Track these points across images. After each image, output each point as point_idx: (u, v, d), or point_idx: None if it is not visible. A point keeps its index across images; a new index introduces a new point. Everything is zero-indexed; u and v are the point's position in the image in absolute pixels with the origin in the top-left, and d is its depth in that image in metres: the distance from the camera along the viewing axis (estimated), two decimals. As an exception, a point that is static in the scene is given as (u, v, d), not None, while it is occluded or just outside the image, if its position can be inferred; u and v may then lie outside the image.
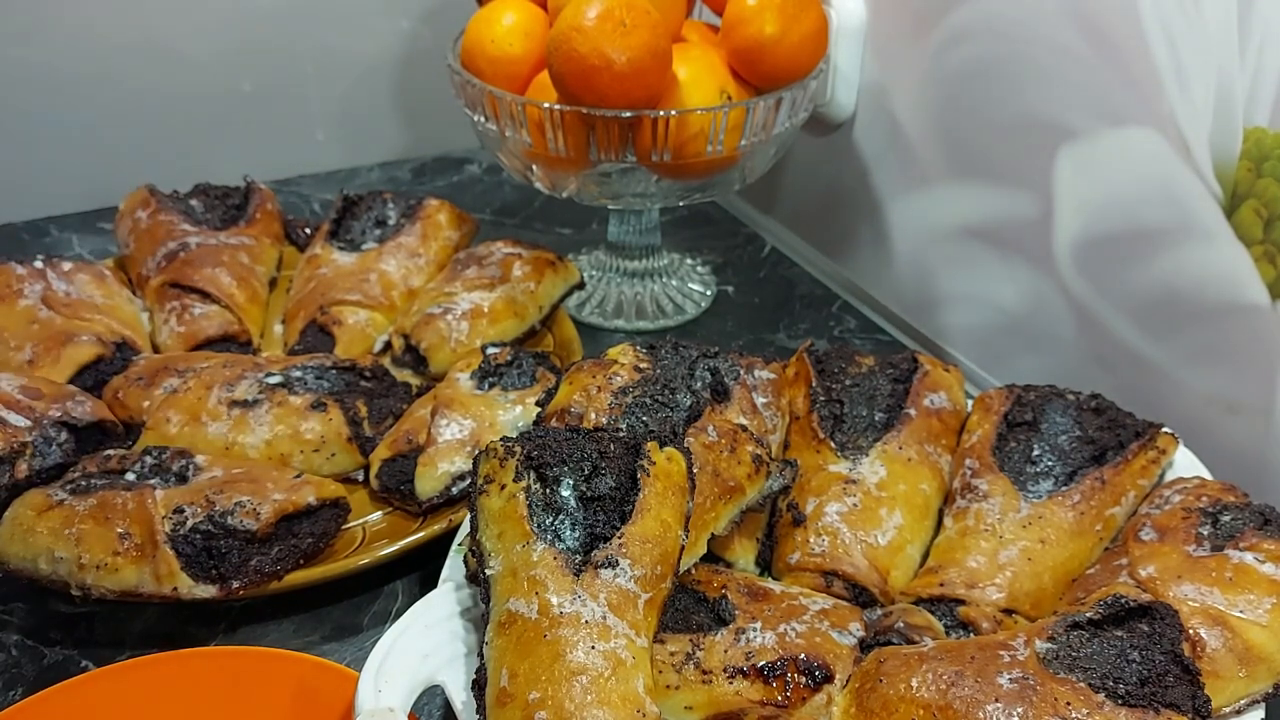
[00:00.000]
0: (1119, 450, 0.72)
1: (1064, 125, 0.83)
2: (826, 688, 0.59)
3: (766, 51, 0.89)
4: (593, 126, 0.87)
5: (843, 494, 0.71)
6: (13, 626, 0.72)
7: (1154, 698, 0.54)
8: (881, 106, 1.01)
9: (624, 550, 0.56)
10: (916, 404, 0.76)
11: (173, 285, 0.93)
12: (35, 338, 0.86)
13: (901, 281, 1.05)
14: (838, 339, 1.04)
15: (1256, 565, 0.61)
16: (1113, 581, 0.64)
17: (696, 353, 0.76)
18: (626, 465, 0.59)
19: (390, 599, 0.75)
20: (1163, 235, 0.79)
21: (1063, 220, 0.86)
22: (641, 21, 0.82)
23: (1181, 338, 0.80)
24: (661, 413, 0.69)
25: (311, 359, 0.85)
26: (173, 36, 1.18)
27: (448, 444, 0.78)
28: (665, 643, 0.60)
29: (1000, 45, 0.87)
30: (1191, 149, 0.75)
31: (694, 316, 1.06)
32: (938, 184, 0.97)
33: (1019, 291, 0.92)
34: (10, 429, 0.75)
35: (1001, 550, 0.67)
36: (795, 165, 1.16)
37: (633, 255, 1.07)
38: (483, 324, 0.91)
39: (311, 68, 1.26)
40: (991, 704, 0.54)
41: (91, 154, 1.19)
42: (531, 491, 0.58)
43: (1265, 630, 0.59)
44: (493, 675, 0.54)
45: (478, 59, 0.91)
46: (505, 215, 1.22)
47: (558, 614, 0.53)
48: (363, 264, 0.97)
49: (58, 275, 0.92)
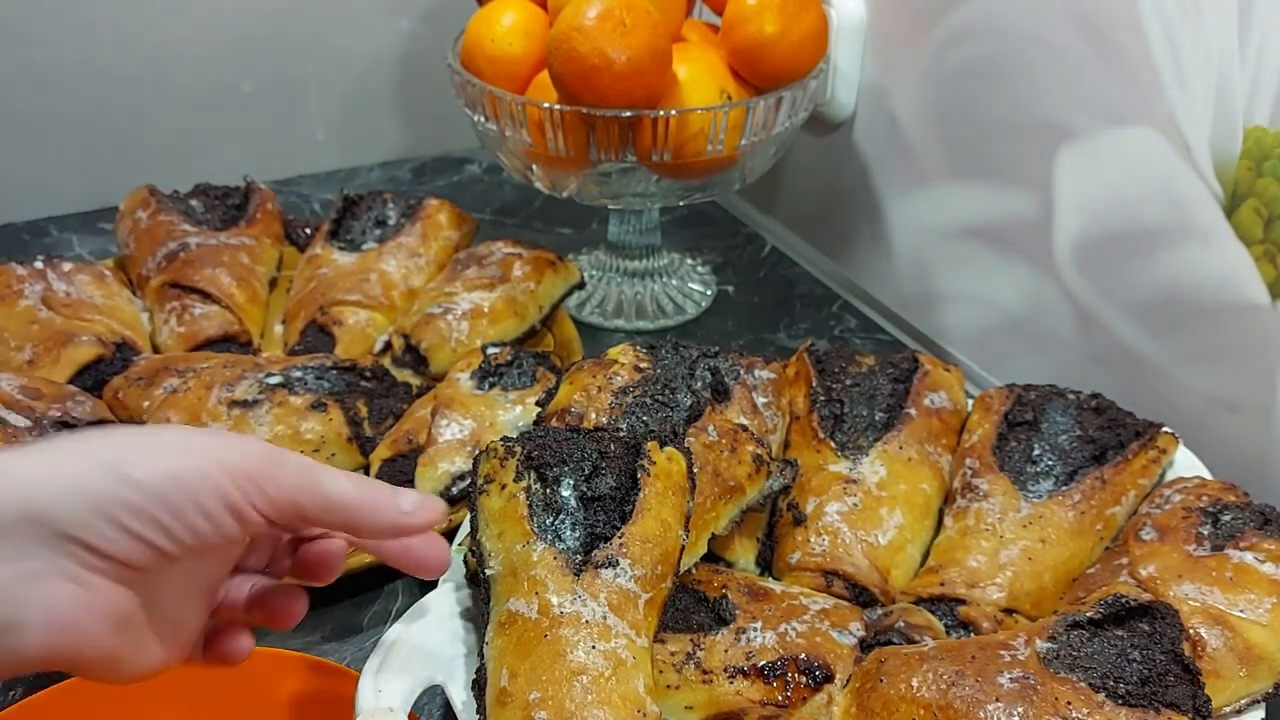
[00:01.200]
0: (1119, 450, 0.72)
1: (1064, 125, 0.83)
2: (827, 687, 0.59)
3: (766, 51, 0.89)
4: (593, 126, 0.87)
5: (843, 494, 0.71)
6: (13, 627, 0.72)
7: (1154, 697, 0.54)
8: (881, 106, 1.01)
9: (624, 550, 0.56)
10: (917, 404, 0.76)
11: (173, 285, 0.93)
12: (35, 338, 0.86)
13: (902, 281, 1.05)
14: (838, 339, 1.04)
15: (1257, 565, 0.62)
16: (1113, 581, 0.64)
17: (697, 352, 0.76)
18: (627, 465, 0.59)
19: (390, 599, 0.75)
20: (1163, 235, 0.79)
21: (1063, 220, 0.86)
22: (641, 21, 0.82)
23: (1181, 337, 0.80)
24: (662, 413, 0.69)
25: (312, 359, 0.85)
26: (173, 36, 1.18)
27: (448, 444, 0.78)
28: (665, 642, 0.60)
29: (1000, 45, 0.87)
30: (1191, 149, 0.75)
31: (694, 316, 1.06)
32: (938, 184, 0.97)
33: (1019, 291, 0.92)
34: (10, 429, 0.75)
35: (1002, 550, 0.67)
36: (795, 165, 1.16)
37: (633, 255, 1.07)
38: (483, 324, 0.91)
39: (311, 68, 1.26)
40: (992, 703, 0.54)
41: (91, 154, 1.19)
42: (532, 491, 0.58)
43: (1266, 630, 0.59)
44: (493, 675, 0.54)
45: (478, 59, 0.92)
46: (505, 215, 1.22)
47: (558, 614, 0.53)
48: (363, 264, 0.97)
49: (58, 275, 0.92)
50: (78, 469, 0.42)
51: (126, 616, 0.44)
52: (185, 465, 0.43)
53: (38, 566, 0.41)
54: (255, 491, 0.44)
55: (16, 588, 0.41)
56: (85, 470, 0.42)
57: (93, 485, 0.41)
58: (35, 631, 0.41)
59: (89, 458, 0.42)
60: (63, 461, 0.42)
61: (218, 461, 0.44)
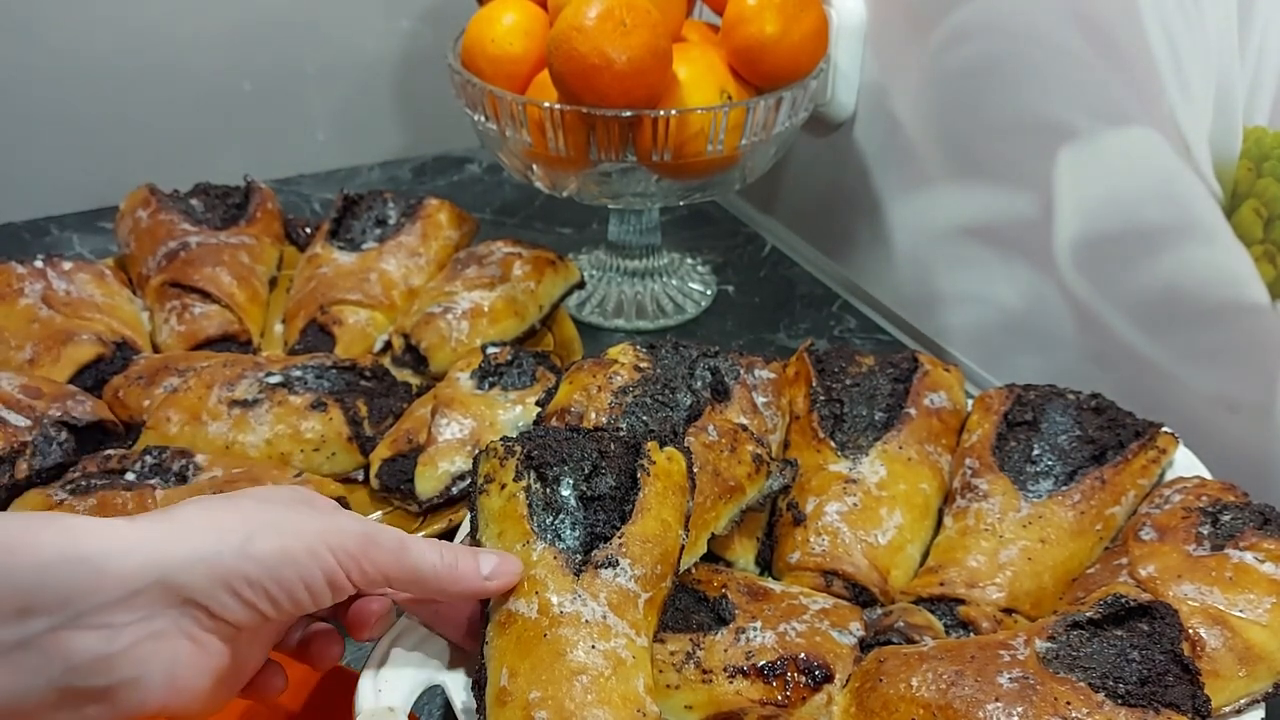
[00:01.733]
0: (1119, 450, 0.72)
1: (1064, 125, 0.83)
2: (826, 687, 0.59)
3: (766, 51, 0.89)
4: (593, 126, 0.87)
5: (843, 493, 0.71)
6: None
7: (1154, 697, 0.54)
8: (881, 106, 1.01)
9: (624, 550, 0.56)
10: (916, 403, 0.76)
11: (173, 285, 0.93)
12: (35, 337, 0.86)
13: (902, 281, 1.05)
14: (838, 339, 1.04)
15: (1256, 565, 0.61)
16: (1113, 581, 0.64)
17: (696, 352, 0.76)
18: (626, 465, 0.59)
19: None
20: (1163, 235, 0.79)
21: (1063, 220, 0.86)
22: (642, 21, 0.82)
23: (1181, 338, 0.80)
24: (661, 412, 0.69)
25: (312, 358, 0.85)
26: (173, 36, 1.18)
27: (448, 443, 0.78)
28: (665, 642, 0.60)
29: (1000, 45, 0.87)
30: (1191, 149, 0.75)
31: (694, 316, 1.06)
32: (938, 184, 0.97)
33: (1019, 291, 0.92)
34: (10, 429, 0.75)
35: (1001, 550, 0.67)
36: (795, 165, 1.16)
37: (633, 255, 1.07)
38: (483, 323, 0.91)
39: (311, 68, 1.26)
40: (991, 703, 0.54)
41: (91, 154, 1.19)
42: (532, 491, 0.58)
43: (1265, 630, 0.59)
44: (493, 675, 0.54)
45: (478, 58, 0.92)
46: (505, 215, 1.22)
47: (558, 613, 0.53)
48: (363, 263, 0.97)
49: (58, 274, 0.92)
50: (207, 541, 0.47)
51: (224, 670, 0.49)
52: (298, 545, 0.48)
53: (163, 627, 0.46)
54: (354, 567, 0.50)
55: (145, 645, 0.45)
56: (214, 543, 0.47)
57: (219, 558, 0.46)
58: (156, 686, 0.46)
59: (217, 530, 0.47)
60: (192, 532, 0.47)
61: (324, 540, 0.49)
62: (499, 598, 0.56)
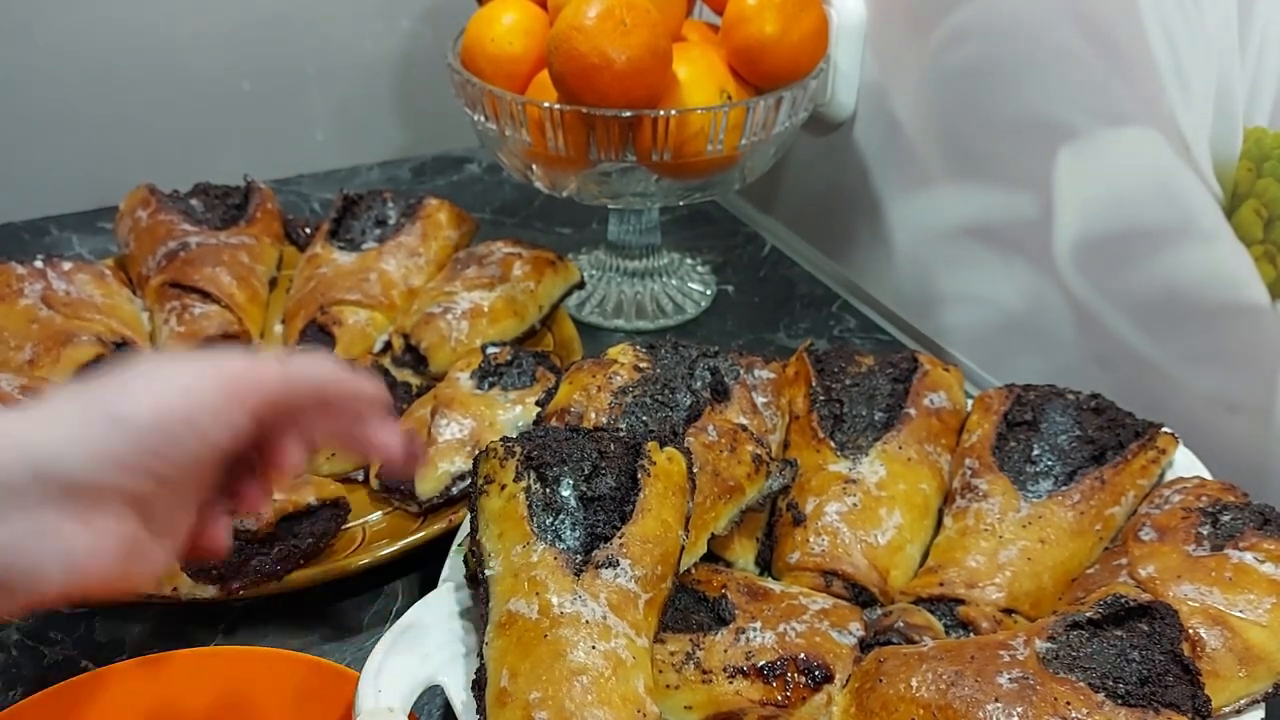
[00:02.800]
0: (1119, 450, 0.72)
1: (1064, 125, 0.83)
2: (826, 687, 0.59)
3: (766, 51, 0.89)
4: (593, 126, 0.87)
5: (842, 493, 0.71)
6: (13, 626, 0.72)
7: (1154, 697, 0.54)
8: (881, 106, 1.01)
9: (624, 550, 0.56)
10: (916, 403, 0.76)
11: (173, 285, 0.93)
12: (35, 337, 0.86)
13: (901, 281, 1.05)
14: (838, 339, 1.04)
15: (1256, 565, 0.62)
16: (1113, 581, 0.64)
17: (696, 352, 0.76)
18: (626, 465, 0.59)
19: (390, 599, 0.75)
20: (1163, 235, 0.79)
21: (1063, 220, 0.86)
22: (642, 21, 0.82)
23: (1181, 338, 0.80)
24: (661, 412, 0.69)
25: (311, 359, 0.85)
26: (173, 36, 1.18)
27: (448, 444, 0.78)
28: (665, 642, 0.60)
29: (1000, 45, 0.87)
30: (1191, 149, 0.75)
31: (694, 316, 1.06)
32: (938, 184, 0.97)
33: (1019, 291, 0.92)
34: (10, 429, 0.75)
35: (1001, 550, 0.68)
36: (795, 165, 1.16)
37: (633, 255, 1.07)
38: (483, 323, 0.91)
39: (311, 68, 1.26)
40: (991, 704, 0.54)
41: (91, 154, 1.19)
42: (532, 491, 0.58)
43: (1265, 630, 0.59)
44: (493, 675, 0.54)
45: (478, 58, 0.92)
46: (505, 215, 1.22)
47: (558, 614, 0.53)
48: (363, 263, 0.97)
49: (58, 275, 0.92)
50: (75, 422, 0.45)
51: (132, 539, 0.47)
52: (171, 393, 0.46)
53: (47, 517, 0.44)
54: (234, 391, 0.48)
55: (32, 541, 0.44)
56: (82, 422, 0.44)
57: (91, 435, 0.44)
58: (52, 576, 0.44)
59: (83, 409, 0.45)
60: (59, 417, 0.45)
61: (201, 377, 0.47)
62: (499, 598, 0.56)
